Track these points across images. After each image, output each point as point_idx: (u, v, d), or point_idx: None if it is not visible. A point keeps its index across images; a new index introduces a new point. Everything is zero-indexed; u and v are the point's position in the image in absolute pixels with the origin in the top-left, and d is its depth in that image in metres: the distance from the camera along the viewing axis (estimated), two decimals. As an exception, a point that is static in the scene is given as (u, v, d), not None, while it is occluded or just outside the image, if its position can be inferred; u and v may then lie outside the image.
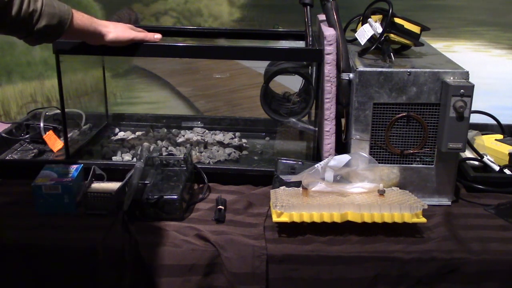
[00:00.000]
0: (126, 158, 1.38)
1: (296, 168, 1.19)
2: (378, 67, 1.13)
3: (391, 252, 1.00)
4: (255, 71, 1.89)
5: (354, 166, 1.11)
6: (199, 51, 1.28)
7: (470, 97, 1.07)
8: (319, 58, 1.21)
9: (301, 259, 1.00)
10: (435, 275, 0.99)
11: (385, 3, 1.19)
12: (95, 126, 1.56)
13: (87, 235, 1.03)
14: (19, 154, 1.40)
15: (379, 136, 1.14)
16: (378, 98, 1.12)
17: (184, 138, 1.50)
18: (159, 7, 1.82)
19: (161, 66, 1.93)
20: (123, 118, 1.64)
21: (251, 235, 1.04)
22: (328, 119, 1.19)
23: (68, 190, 1.10)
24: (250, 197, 1.18)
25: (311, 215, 1.03)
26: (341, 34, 1.19)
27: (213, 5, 1.85)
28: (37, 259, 1.01)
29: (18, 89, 1.90)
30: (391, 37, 1.20)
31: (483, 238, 1.05)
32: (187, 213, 1.13)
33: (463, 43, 1.84)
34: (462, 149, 1.10)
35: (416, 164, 1.16)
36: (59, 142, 1.41)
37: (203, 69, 1.91)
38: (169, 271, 0.99)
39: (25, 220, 1.09)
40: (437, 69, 1.11)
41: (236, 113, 1.92)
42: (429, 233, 1.06)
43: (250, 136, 1.56)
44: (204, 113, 1.95)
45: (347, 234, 1.05)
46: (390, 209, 1.03)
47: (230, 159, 1.40)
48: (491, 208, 1.16)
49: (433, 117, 1.12)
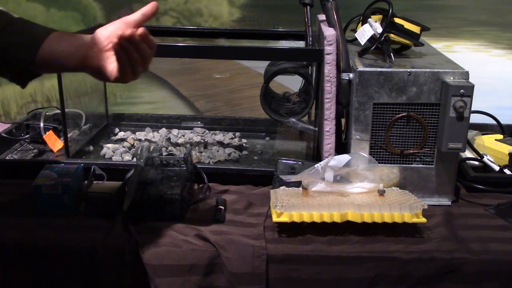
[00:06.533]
0: (126, 158, 1.38)
1: (296, 168, 1.19)
2: (378, 67, 1.13)
3: (391, 252, 1.00)
4: (255, 71, 1.89)
5: (354, 166, 1.11)
6: (199, 51, 1.28)
7: (470, 97, 1.07)
8: (319, 58, 1.21)
9: (301, 259, 1.00)
10: (435, 275, 0.99)
11: (385, 3, 1.19)
12: (95, 126, 1.56)
13: (87, 235, 1.03)
14: (19, 154, 1.40)
15: (379, 136, 1.14)
16: (378, 98, 1.12)
17: (184, 138, 1.50)
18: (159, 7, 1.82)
19: (161, 66, 1.93)
20: (123, 118, 1.64)
21: (251, 235, 1.04)
22: (328, 119, 1.19)
23: (68, 190, 1.10)
24: (250, 197, 1.18)
25: (311, 215, 1.03)
26: (341, 34, 1.19)
27: (213, 5, 1.85)
28: (37, 259, 1.01)
29: (18, 89, 1.90)
30: (391, 37, 1.20)
31: (483, 238, 1.05)
32: (187, 213, 1.13)
33: (463, 43, 1.85)
34: (462, 149, 1.10)
35: (416, 164, 1.16)
36: (59, 142, 1.41)
37: (203, 69, 1.91)
38: (169, 271, 0.99)
39: (25, 220, 1.09)
40: (437, 69, 1.11)
41: (236, 113, 1.92)
42: (429, 233, 1.06)
43: (250, 136, 1.56)
44: (204, 113, 1.95)
45: (347, 234, 1.05)
46: (390, 209, 1.03)
47: (230, 159, 1.40)
48: (491, 208, 1.16)
49: (433, 117, 1.12)
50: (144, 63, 0.85)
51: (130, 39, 0.81)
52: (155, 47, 0.86)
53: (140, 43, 0.82)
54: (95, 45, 0.85)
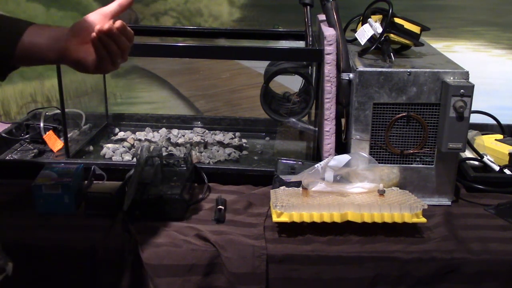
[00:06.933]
0: (126, 158, 1.38)
1: (296, 168, 1.19)
2: (378, 67, 1.13)
3: (391, 252, 1.00)
4: (255, 71, 1.89)
5: (354, 166, 1.11)
6: (199, 51, 1.28)
7: (470, 97, 1.07)
8: (319, 58, 1.21)
9: (301, 259, 1.00)
10: (435, 275, 0.99)
11: (385, 3, 1.19)
12: (95, 126, 1.56)
13: (87, 235, 1.03)
14: (19, 154, 1.40)
15: (379, 136, 1.14)
16: (378, 98, 1.12)
17: (184, 138, 1.50)
18: (159, 7, 1.83)
19: (161, 66, 1.93)
20: (123, 118, 1.64)
21: (251, 235, 1.04)
22: (328, 119, 1.19)
23: (68, 190, 1.10)
24: (250, 197, 1.18)
25: (311, 215, 1.03)
26: (341, 34, 1.19)
27: (213, 5, 1.85)
28: (37, 259, 1.01)
29: (18, 89, 1.90)
30: (391, 37, 1.20)
31: (483, 238, 1.05)
32: (187, 213, 1.13)
33: (463, 43, 1.85)
34: (462, 149, 1.10)
35: (416, 164, 1.16)
36: (59, 142, 1.41)
37: (203, 69, 1.91)
38: (169, 271, 0.99)
39: (25, 220, 1.09)
40: (437, 69, 1.11)
41: (236, 113, 1.92)
42: (429, 233, 1.06)
43: (250, 136, 1.56)
44: (204, 113, 1.95)
45: (347, 234, 1.05)
46: (390, 209, 1.03)
47: (230, 159, 1.40)
48: (491, 208, 1.16)
49: (433, 117, 1.12)
50: (122, 54, 0.87)
51: (108, 32, 0.82)
52: (133, 38, 0.87)
53: (119, 35, 0.83)
54: (74, 37, 0.85)
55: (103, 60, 0.86)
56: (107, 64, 0.87)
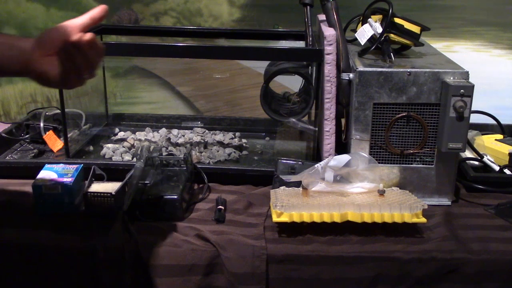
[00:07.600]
0: (126, 158, 1.38)
1: (296, 168, 1.19)
2: (378, 67, 1.13)
3: (391, 252, 1.00)
4: (255, 71, 1.89)
5: (354, 166, 1.11)
6: (199, 51, 1.28)
7: (470, 97, 1.07)
8: (319, 58, 1.21)
9: (301, 259, 1.00)
10: (435, 275, 0.99)
11: (385, 3, 1.19)
12: (95, 126, 1.56)
13: (87, 235, 1.03)
14: (19, 154, 1.40)
15: (379, 136, 1.14)
16: (378, 98, 1.12)
17: (184, 138, 1.50)
18: (159, 7, 1.82)
19: (161, 66, 1.93)
20: (123, 118, 1.64)
21: (251, 235, 1.04)
22: (328, 119, 1.19)
23: (68, 190, 1.10)
24: (250, 197, 1.18)
25: (311, 215, 1.03)
26: (341, 34, 1.19)
27: (213, 5, 1.85)
28: (37, 259, 1.01)
29: (18, 89, 1.90)
30: (391, 37, 1.20)
31: (483, 238, 1.05)
32: (187, 213, 1.13)
33: (463, 43, 1.84)
34: (462, 149, 1.10)
35: (416, 164, 1.16)
36: (59, 142, 1.41)
37: (203, 69, 1.91)
38: (169, 271, 0.99)
39: (25, 220, 1.09)
40: (437, 69, 1.11)
41: (236, 113, 1.92)
42: (429, 233, 1.06)
43: (250, 136, 1.56)
44: (204, 113, 1.95)
45: (347, 234, 1.05)
46: (390, 209, 1.03)
47: (230, 159, 1.40)
48: (491, 208, 1.16)
49: (433, 117, 1.12)
50: (90, 69, 0.82)
51: (76, 44, 0.78)
52: (103, 53, 0.83)
53: (87, 48, 0.79)
54: (39, 49, 0.81)
55: (68, 73, 0.81)
56: (72, 78, 0.82)
